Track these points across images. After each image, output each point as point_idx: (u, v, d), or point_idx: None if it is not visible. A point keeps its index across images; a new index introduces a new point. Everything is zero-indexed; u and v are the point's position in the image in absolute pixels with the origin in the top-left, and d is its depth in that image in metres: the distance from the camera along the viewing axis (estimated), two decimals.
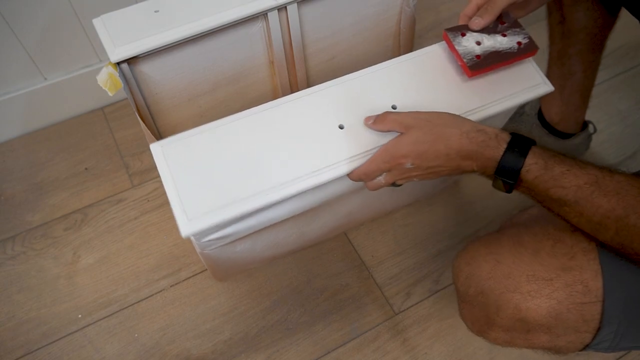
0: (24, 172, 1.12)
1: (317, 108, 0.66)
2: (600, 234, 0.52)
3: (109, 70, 0.73)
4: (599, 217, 0.51)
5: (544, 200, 0.55)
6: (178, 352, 0.89)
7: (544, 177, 0.54)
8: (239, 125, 0.65)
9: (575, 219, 0.53)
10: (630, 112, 1.18)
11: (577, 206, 0.52)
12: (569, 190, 0.52)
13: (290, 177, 0.61)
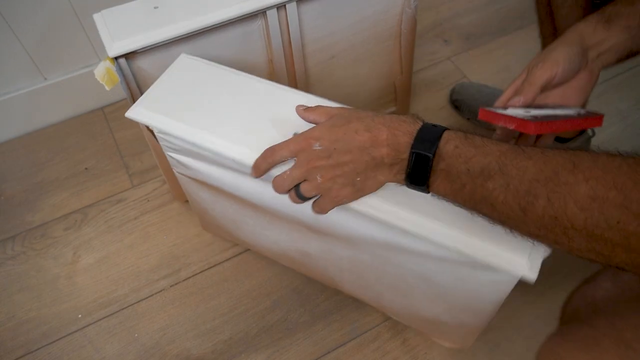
0: (24, 172, 1.12)
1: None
2: (530, 211, 0.43)
3: (106, 64, 0.73)
4: (526, 183, 0.43)
5: (465, 182, 0.47)
6: (178, 352, 0.89)
7: (465, 146, 0.48)
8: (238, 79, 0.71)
9: (501, 196, 0.45)
10: (630, 112, 1.18)
11: (502, 176, 0.45)
12: (492, 157, 0.46)
13: (229, 142, 0.63)
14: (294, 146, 0.56)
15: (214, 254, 0.99)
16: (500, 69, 1.27)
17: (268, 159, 0.58)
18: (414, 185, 0.51)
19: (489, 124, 0.71)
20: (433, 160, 0.49)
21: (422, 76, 1.26)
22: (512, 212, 0.45)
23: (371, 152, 0.52)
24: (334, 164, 0.53)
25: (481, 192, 0.46)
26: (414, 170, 0.50)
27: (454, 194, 0.49)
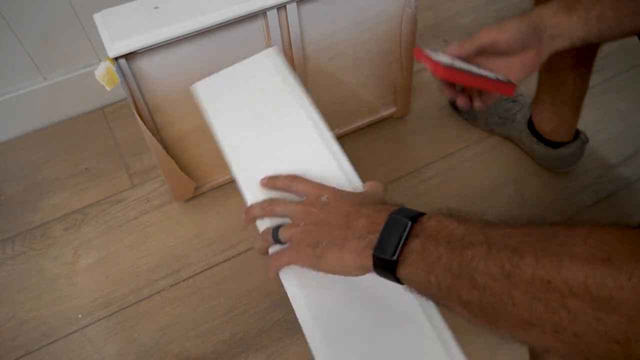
0: (24, 172, 1.12)
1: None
2: (516, 276, 0.35)
3: (106, 64, 0.73)
4: (512, 245, 0.36)
5: (442, 253, 0.39)
6: (178, 352, 0.89)
7: (447, 221, 0.42)
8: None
9: (482, 263, 0.37)
10: (630, 112, 1.18)
11: (484, 243, 0.38)
12: (475, 228, 0.40)
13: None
14: (307, 189, 0.54)
15: (214, 254, 0.99)
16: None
17: (266, 204, 0.55)
18: (381, 259, 0.42)
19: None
20: (409, 232, 0.42)
21: (422, 76, 1.26)
22: (496, 283, 0.35)
23: (351, 221, 0.47)
24: (322, 219, 0.49)
25: (459, 261, 0.38)
26: (384, 236, 0.43)
27: (428, 271, 0.39)
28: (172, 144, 0.93)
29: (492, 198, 1.05)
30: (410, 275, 0.41)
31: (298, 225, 0.51)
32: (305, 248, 0.49)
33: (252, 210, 0.56)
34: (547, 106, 0.98)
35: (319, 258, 0.48)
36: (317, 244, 0.48)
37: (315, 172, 0.57)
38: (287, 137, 0.62)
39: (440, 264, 0.39)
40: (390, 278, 0.43)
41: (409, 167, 1.10)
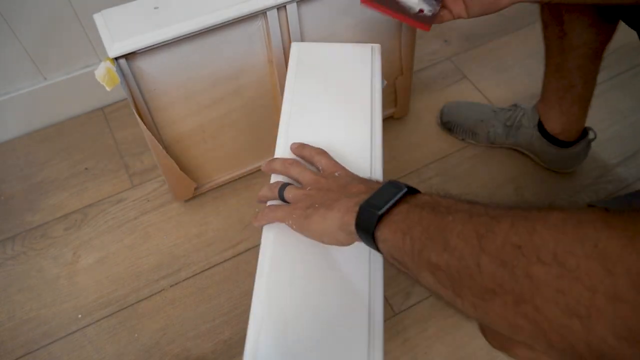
0: (24, 172, 1.12)
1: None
2: (487, 240, 0.34)
3: (106, 65, 0.73)
4: (491, 214, 0.36)
5: (423, 217, 0.40)
6: (178, 352, 0.89)
7: (441, 198, 0.42)
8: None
9: (459, 226, 0.36)
10: (630, 112, 1.18)
11: (467, 213, 0.38)
12: (465, 204, 0.40)
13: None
14: (327, 165, 0.56)
15: (214, 254, 0.99)
16: (500, 69, 1.27)
17: (288, 162, 0.58)
18: (366, 211, 0.43)
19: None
20: (401, 198, 0.42)
21: (422, 76, 1.26)
22: (467, 247, 0.34)
23: (348, 188, 0.50)
24: (325, 186, 0.52)
25: (437, 224, 0.38)
26: (377, 194, 0.44)
27: (405, 232, 0.39)
28: (172, 144, 0.93)
29: (492, 198, 1.05)
30: (388, 235, 0.41)
31: (304, 189, 0.53)
32: (299, 209, 0.51)
33: (274, 162, 0.59)
34: (554, 107, 0.98)
35: (306, 218, 0.50)
36: (311, 205, 0.50)
37: (347, 147, 0.61)
38: (343, 124, 0.64)
39: (420, 226, 0.39)
40: (368, 238, 0.43)
41: (409, 167, 1.10)
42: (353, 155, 0.60)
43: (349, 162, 0.57)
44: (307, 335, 0.48)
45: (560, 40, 0.88)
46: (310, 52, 0.72)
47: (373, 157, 0.60)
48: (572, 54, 0.88)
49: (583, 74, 0.91)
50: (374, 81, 0.69)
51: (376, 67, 0.70)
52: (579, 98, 0.95)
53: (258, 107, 0.95)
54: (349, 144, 0.61)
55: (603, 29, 0.84)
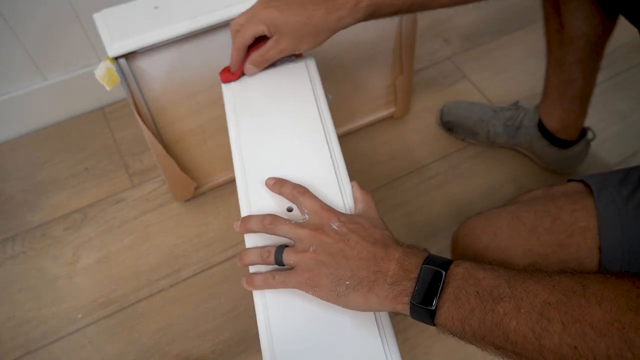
0: (24, 172, 1.12)
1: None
2: (546, 339, 0.40)
3: (106, 64, 0.73)
4: (538, 306, 0.41)
5: (474, 306, 0.43)
6: (178, 352, 0.89)
7: (474, 269, 0.45)
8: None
9: (513, 322, 0.41)
10: (630, 112, 1.18)
11: (512, 299, 0.42)
12: (501, 280, 0.43)
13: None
14: (314, 208, 0.52)
15: (214, 254, 0.99)
16: (500, 69, 1.27)
17: (268, 221, 0.52)
18: (419, 308, 0.45)
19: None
20: (444, 281, 0.45)
21: (422, 76, 1.26)
22: (527, 342, 0.40)
23: (380, 264, 0.47)
24: (337, 250, 0.49)
25: (492, 317, 0.42)
26: (421, 287, 0.45)
27: (462, 321, 0.43)
28: (172, 144, 0.92)
29: (492, 198, 1.05)
30: (447, 323, 0.44)
31: (306, 250, 0.49)
32: (323, 279, 0.48)
33: (250, 222, 0.54)
34: (556, 103, 0.98)
35: (339, 296, 0.47)
36: (339, 281, 0.47)
37: (311, 175, 0.57)
38: (299, 147, 0.60)
39: (474, 317, 0.43)
40: (427, 322, 0.46)
41: (409, 167, 1.10)
42: (320, 182, 0.56)
43: (319, 191, 0.55)
44: (319, 327, 0.48)
45: (560, 33, 0.88)
46: (244, 85, 0.68)
47: (340, 181, 0.57)
48: (571, 46, 0.88)
49: (583, 69, 0.91)
50: (319, 99, 0.65)
51: (316, 82, 0.67)
52: (579, 93, 0.95)
53: None
54: (312, 171, 0.58)
55: (602, 23, 0.84)
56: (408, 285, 0.45)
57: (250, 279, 0.51)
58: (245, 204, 0.56)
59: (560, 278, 0.42)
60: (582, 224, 0.59)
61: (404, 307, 0.46)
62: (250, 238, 0.54)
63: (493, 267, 0.45)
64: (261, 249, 0.52)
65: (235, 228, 0.55)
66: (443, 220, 1.03)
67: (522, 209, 0.65)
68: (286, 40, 0.62)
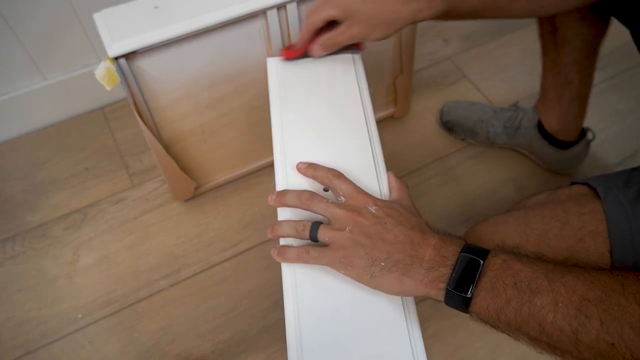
0: (24, 172, 1.12)
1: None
2: (583, 334, 0.40)
3: (106, 64, 0.73)
4: (576, 302, 0.41)
5: (511, 297, 0.44)
6: (178, 352, 0.89)
7: (512, 260, 0.46)
8: None
9: (550, 315, 0.42)
10: (630, 112, 1.18)
11: (551, 292, 0.42)
12: (539, 272, 0.44)
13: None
14: (350, 192, 0.53)
15: (214, 254, 0.99)
16: (500, 69, 1.27)
17: (305, 197, 0.53)
18: (455, 295, 0.45)
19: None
20: (481, 270, 0.45)
21: (422, 76, 1.26)
22: (563, 335, 0.41)
23: (416, 248, 0.48)
24: (374, 232, 0.49)
25: (528, 309, 0.42)
26: (458, 275, 0.45)
27: (498, 310, 0.44)
28: (172, 144, 0.92)
29: (492, 198, 1.06)
30: (481, 311, 0.45)
31: (342, 229, 0.49)
32: (358, 260, 0.48)
33: (286, 196, 0.54)
34: (554, 105, 0.98)
35: (373, 277, 0.48)
36: (374, 262, 0.48)
37: (351, 161, 0.58)
38: (339, 135, 0.61)
39: (510, 307, 0.43)
40: (461, 309, 0.46)
41: (409, 167, 1.10)
42: (358, 170, 0.57)
43: (355, 178, 0.55)
44: (348, 316, 0.48)
45: (553, 35, 0.88)
46: (289, 67, 0.68)
47: (378, 170, 0.58)
48: (565, 48, 0.88)
49: (579, 70, 0.91)
50: (362, 90, 0.66)
51: (361, 75, 0.68)
52: (577, 95, 0.95)
53: (258, 107, 0.95)
54: (351, 158, 0.59)
55: (595, 24, 0.85)
56: (444, 271, 0.46)
57: (282, 251, 0.51)
58: (282, 182, 0.56)
59: (599, 275, 0.42)
60: (591, 228, 0.58)
61: (438, 293, 0.46)
62: (284, 213, 0.54)
63: (530, 259, 0.45)
64: (296, 222, 0.52)
65: (269, 201, 0.55)
66: (443, 220, 1.03)
67: (529, 214, 0.64)
68: (358, 26, 0.61)
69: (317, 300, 0.49)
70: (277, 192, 0.55)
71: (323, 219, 0.52)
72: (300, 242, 0.52)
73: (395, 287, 0.48)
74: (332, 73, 0.67)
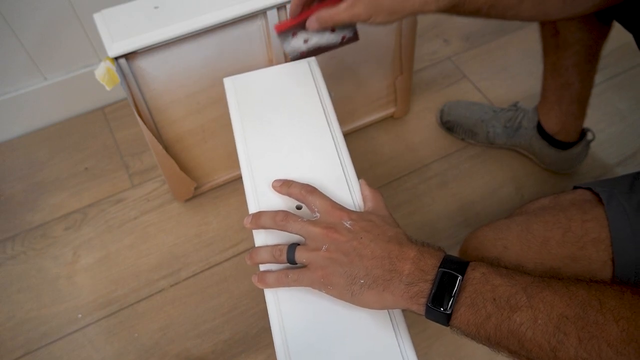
0: (24, 172, 1.12)
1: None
2: (561, 352, 0.41)
3: (106, 64, 0.73)
4: (555, 319, 0.41)
5: (490, 312, 0.44)
6: (178, 352, 0.89)
7: (492, 274, 0.45)
8: None
9: (529, 332, 0.42)
10: (630, 112, 1.18)
11: (530, 309, 0.42)
12: (518, 287, 0.44)
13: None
14: (324, 207, 0.52)
15: (214, 254, 0.99)
16: (500, 69, 1.27)
17: (280, 217, 0.52)
18: (435, 310, 0.45)
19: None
20: (460, 285, 0.45)
21: (422, 76, 1.26)
22: (542, 352, 0.42)
23: (395, 262, 0.47)
24: (350, 249, 0.48)
25: (508, 325, 0.43)
26: (438, 290, 0.45)
27: (478, 326, 0.44)
28: (172, 144, 0.93)
29: (491, 198, 1.06)
30: (462, 326, 0.45)
31: (319, 249, 0.49)
32: (337, 278, 0.48)
33: (261, 218, 0.53)
34: (554, 106, 0.98)
35: (354, 295, 0.47)
36: (354, 280, 0.47)
37: (319, 174, 0.57)
38: (305, 148, 0.60)
39: (490, 323, 0.43)
40: (441, 323, 0.46)
41: (409, 167, 1.10)
42: (329, 182, 0.56)
43: (327, 191, 0.55)
44: (334, 322, 0.48)
45: (555, 38, 0.88)
46: (246, 82, 0.67)
47: (348, 180, 0.57)
48: (566, 51, 0.88)
49: (579, 72, 0.91)
50: (323, 97, 0.64)
51: (320, 82, 0.66)
52: (577, 97, 0.95)
53: None
54: (319, 170, 0.58)
55: (596, 28, 0.84)
56: (424, 287, 0.46)
57: (262, 277, 0.51)
58: (253, 203, 0.56)
59: (577, 289, 0.42)
60: (593, 235, 0.58)
61: (419, 308, 0.46)
62: (260, 235, 0.54)
63: (509, 273, 0.45)
64: (272, 247, 0.52)
65: (245, 224, 0.54)
66: (443, 220, 1.03)
67: (531, 220, 0.63)
68: (362, 6, 0.58)
69: (303, 322, 0.49)
70: (252, 215, 0.54)
71: (300, 238, 0.52)
72: (280, 265, 0.52)
73: (377, 303, 0.47)
74: (291, 84, 0.66)
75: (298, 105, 0.64)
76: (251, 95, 0.66)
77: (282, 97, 0.65)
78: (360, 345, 0.47)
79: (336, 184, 0.57)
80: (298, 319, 0.49)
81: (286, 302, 0.50)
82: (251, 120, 0.63)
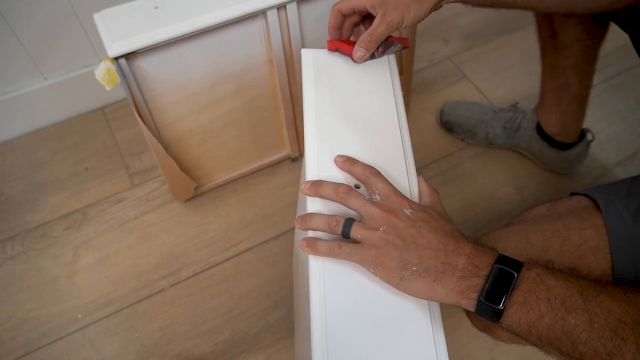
0: (24, 172, 1.12)
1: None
2: (618, 357, 0.41)
3: (106, 64, 0.73)
4: (612, 324, 0.41)
5: (544, 312, 0.44)
6: (178, 352, 0.89)
7: (546, 275, 0.45)
8: None
9: (584, 334, 0.42)
10: (630, 112, 1.18)
11: (585, 311, 0.42)
12: (574, 289, 0.43)
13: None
14: (386, 191, 0.52)
15: (214, 254, 0.99)
16: (500, 69, 1.27)
17: (342, 190, 0.51)
18: (487, 306, 0.45)
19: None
20: (515, 283, 0.44)
21: (422, 76, 1.26)
22: (597, 356, 0.41)
23: (449, 256, 0.47)
24: (408, 235, 0.48)
25: (562, 326, 0.42)
26: (493, 286, 0.45)
27: (530, 325, 0.44)
28: (172, 144, 0.93)
29: (492, 198, 1.06)
30: (513, 324, 0.45)
31: (376, 229, 0.49)
32: (390, 261, 0.47)
33: (322, 187, 0.52)
34: (553, 107, 0.98)
35: (402, 280, 0.47)
36: (406, 265, 0.47)
37: (382, 160, 0.58)
38: (372, 132, 0.61)
39: (543, 323, 0.43)
40: (492, 320, 0.46)
41: None
42: (390, 170, 0.57)
43: (387, 175, 0.55)
44: (371, 314, 0.48)
45: (552, 40, 0.88)
46: (324, 58, 0.67)
47: (409, 173, 0.58)
48: (564, 52, 0.88)
49: (578, 73, 0.91)
50: (396, 90, 0.65)
51: (394, 74, 0.67)
52: (576, 97, 0.95)
53: (258, 107, 0.95)
54: (383, 157, 0.58)
55: (594, 29, 0.84)
56: (477, 282, 0.46)
57: (313, 243, 0.50)
58: (314, 172, 0.55)
59: (635, 296, 0.42)
60: (592, 244, 0.57)
61: (469, 302, 0.46)
62: (314, 203, 0.53)
63: (565, 275, 0.45)
64: (329, 216, 0.51)
65: (302, 189, 0.53)
66: None
67: (529, 230, 0.63)
68: (392, 12, 0.60)
69: (343, 292, 0.49)
70: (312, 182, 0.53)
71: (354, 215, 0.52)
72: (329, 236, 0.52)
73: (424, 292, 0.47)
74: (367, 70, 0.66)
75: (371, 91, 0.64)
76: (327, 70, 0.65)
77: (357, 80, 0.65)
78: (394, 330, 0.47)
79: (396, 172, 0.57)
80: (338, 289, 0.49)
81: (331, 271, 0.50)
82: (323, 93, 0.63)
